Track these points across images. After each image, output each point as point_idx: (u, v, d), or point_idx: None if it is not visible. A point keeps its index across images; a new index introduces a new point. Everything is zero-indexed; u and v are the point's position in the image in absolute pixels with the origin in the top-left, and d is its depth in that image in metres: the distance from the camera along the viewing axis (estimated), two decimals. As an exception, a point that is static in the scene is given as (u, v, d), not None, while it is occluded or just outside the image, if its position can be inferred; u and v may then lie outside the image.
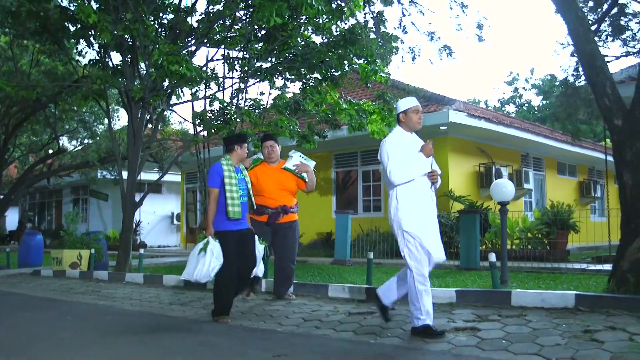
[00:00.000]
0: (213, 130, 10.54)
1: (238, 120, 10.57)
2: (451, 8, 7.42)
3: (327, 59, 8.50)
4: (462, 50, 59.85)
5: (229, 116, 10.49)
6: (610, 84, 5.24)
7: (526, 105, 40.12)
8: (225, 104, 10.14)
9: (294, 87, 17.58)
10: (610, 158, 16.14)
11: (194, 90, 10.29)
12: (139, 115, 9.97)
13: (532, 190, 15.07)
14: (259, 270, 5.81)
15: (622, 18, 8.15)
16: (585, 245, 12.82)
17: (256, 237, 5.60)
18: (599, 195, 17.52)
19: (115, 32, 8.75)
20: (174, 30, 10.04)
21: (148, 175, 17.01)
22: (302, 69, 8.82)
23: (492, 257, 5.81)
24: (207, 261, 5.14)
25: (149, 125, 12.28)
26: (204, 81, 10.15)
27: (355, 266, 9.77)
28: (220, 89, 10.75)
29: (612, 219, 9.48)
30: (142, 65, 10.87)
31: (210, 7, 10.09)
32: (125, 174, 10.46)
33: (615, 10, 7.58)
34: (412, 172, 4.34)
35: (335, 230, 11.05)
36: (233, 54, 10.62)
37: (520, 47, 66.01)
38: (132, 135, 10.09)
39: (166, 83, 9.78)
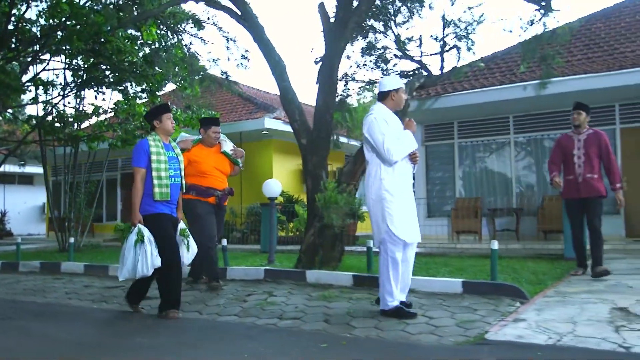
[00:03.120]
0: (50, 131, 11.71)
1: (75, 123, 11.86)
2: (227, 40, 9.03)
3: (131, 76, 9.94)
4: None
5: (66, 118, 11.74)
6: (299, 111, 6.90)
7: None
8: (56, 108, 11.35)
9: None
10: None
11: (34, 95, 11.43)
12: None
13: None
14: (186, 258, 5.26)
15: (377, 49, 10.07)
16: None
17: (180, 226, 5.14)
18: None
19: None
20: (4, 39, 11.07)
21: (14, 168, 18.36)
22: (111, 83, 10.20)
23: (224, 242, 7.49)
24: (149, 250, 4.63)
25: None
26: (42, 87, 11.35)
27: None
28: (60, 94, 11.92)
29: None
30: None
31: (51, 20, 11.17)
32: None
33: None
34: (406, 148, 4.40)
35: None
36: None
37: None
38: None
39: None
